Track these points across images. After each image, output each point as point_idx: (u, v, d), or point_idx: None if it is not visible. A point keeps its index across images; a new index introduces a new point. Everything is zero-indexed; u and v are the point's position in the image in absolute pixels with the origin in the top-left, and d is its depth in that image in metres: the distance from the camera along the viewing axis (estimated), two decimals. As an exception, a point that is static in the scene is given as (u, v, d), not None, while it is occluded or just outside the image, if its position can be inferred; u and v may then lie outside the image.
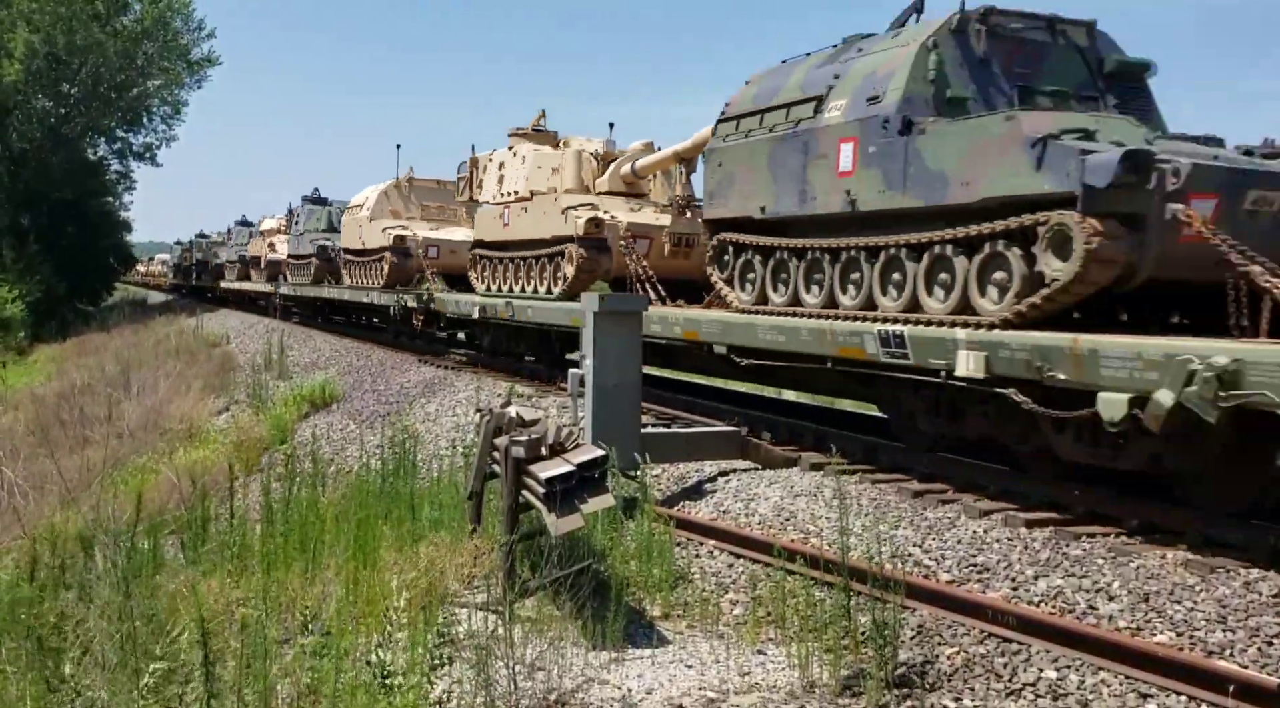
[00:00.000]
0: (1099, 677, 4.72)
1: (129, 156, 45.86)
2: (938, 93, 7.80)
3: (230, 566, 6.65)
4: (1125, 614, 5.19)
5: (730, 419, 10.02)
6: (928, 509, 7.02)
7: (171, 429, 15.70)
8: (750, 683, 5.10)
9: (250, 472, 12.15)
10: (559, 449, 6.06)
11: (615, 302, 8.68)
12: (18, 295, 35.54)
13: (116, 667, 4.61)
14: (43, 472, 12.40)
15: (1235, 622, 4.95)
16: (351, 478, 9.21)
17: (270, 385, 17.87)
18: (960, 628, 5.37)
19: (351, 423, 14.11)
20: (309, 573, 6.40)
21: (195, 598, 5.48)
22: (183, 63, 43.16)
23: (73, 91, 41.02)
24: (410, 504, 7.46)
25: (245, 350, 24.18)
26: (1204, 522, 6.19)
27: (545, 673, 5.00)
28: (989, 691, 4.87)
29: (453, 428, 11.69)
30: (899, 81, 7.86)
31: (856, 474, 7.92)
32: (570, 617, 5.65)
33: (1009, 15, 8.18)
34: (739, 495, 7.96)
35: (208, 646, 4.25)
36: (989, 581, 5.84)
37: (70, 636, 5.05)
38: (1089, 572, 5.66)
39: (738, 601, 6.31)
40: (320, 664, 4.59)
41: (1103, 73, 8.33)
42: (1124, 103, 8.28)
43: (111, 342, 28.41)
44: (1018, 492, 7.23)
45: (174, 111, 44.53)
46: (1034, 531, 6.40)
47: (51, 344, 33.15)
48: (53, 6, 37.33)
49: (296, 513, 7.28)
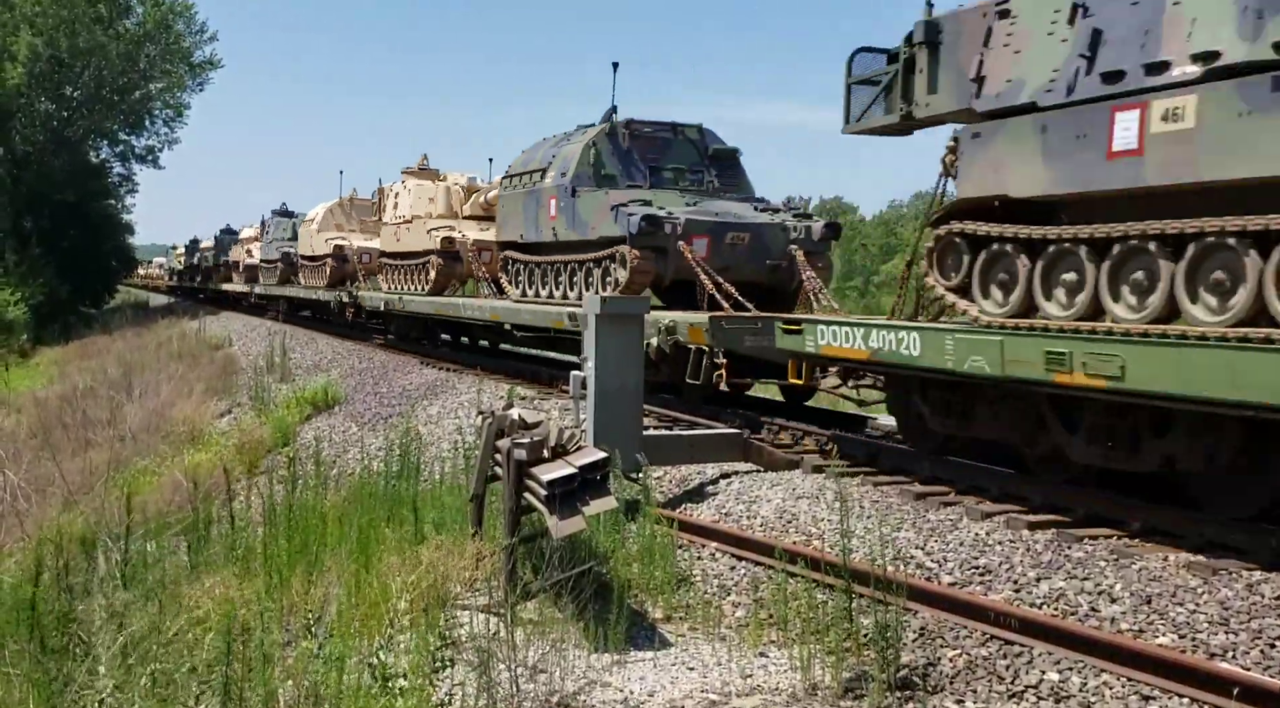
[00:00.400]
0: (1101, 679, 4.72)
1: (131, 159, 46.04)
2: (595, 172, 13.01)
3: (233, 568, 6.65)
4: (1128, 617, 5.19)
5: (732, 421, 10.03)
6: (930, 511, 7.02)
7: (174, 432, 15.72)
8: (752, 685, 5.10)
9: (253, 474, 12.17)
10: (561, 451, 6.07)
11: (616, 305, 8.69)
12: (20, 298, 35.60)
13: (120, 670, 4.61)
14: (45, 475, 12.42)
15: (1238, 624, 4.95)
16: (354, 480, 9.22)
17: (272, 388, 17.89)
18: (962, 630, 5.36)
19: (353, 425, 14.11)
20: (311, 576, 6.41)
21: (215, 600, 5.49)
22: (185, 65, 43.26)
23: (75, 94, 41.13)
24: (412, 507, 7.47)
25: (247, 353, 24.21)
26: (1206, 524, 6.20)
27: (547, 675, 5.00)
28: (991, 693, 4.86)
29: (454, 430, 11.69)
30: (572, 164, 13.18)
31: (858, 476, 7.93)
32: (572, 619, 5.66)
33: (643, 123, 13.52)
34: (741, 498, 7.96)
35: (230, 651, 4.25)
36: (991, 583, 5.84)
37: (74, 637, 5.05)
38: (1091, 574, 5.66)
39: (740, 603, 6.31)
40: (322, 667, 4.59)
41: (708, 156, 13.54)
42: (723, 175, 13.48)
43: (114, 344, 28.46)
44: (1020, 494, 7.23)
45: (176, 114, 44.70)
46: (1036, 533, 6.40)
47: (54, 347, 33.19)
48: (55, 9, 37.45)
49: (299, 516, 7.29)
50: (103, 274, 50.08)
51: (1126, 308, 6.27)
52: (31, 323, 36.07)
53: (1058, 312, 6.70)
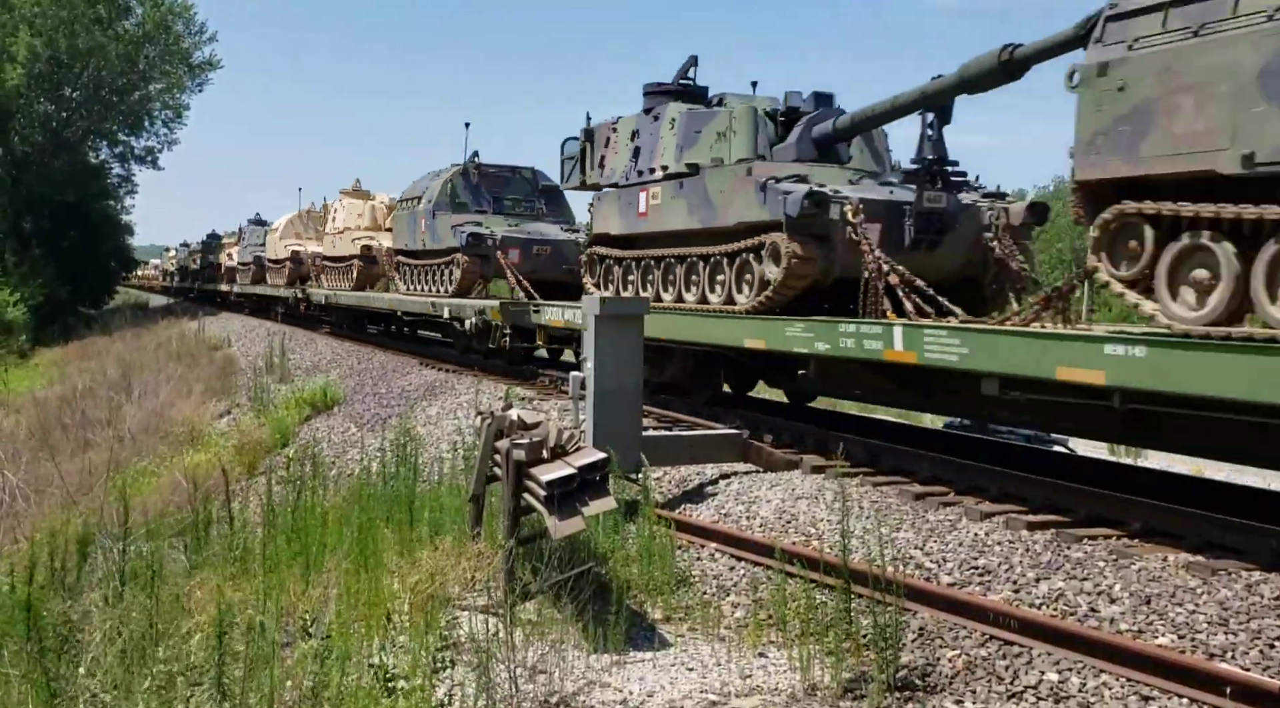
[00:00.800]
0: (1100, 679, 4.72)
1: (130, 160, 46.00)
2: (452, 200, 17.73)
3: (232, 569, 6.64)
4: (1127, 617, 5.19)
5: (731, 422, 10.03)
6: (929, 512, 7.02)
7: (173, 433, 15.72)
8: (752, 686, 5.10)
9: (252, 475, 12.16)
10: (560, 452, 6.06)
11: (616, 305, 8.69)
12: (19, 299, 35.56)
13: (119, 669, 4.61)
14: (44, 475, 12.41)
15: (1237, 624, 4.95)
16: (353, 481, 9.21)
17: (272, 389, 17.89)
18: (962, 631, 5.36)
19: (353, 426, 14.11)
20: (310, 576, 6.40)
21: (214, 600, 5.48)
22: (184, 66, 43.24)
23: (74, 95, 41.12)
24: (411, 508, 7.46)
25: (247, 354, 24.21)
26: (1206, 525, 6.20)
27: (547, 676, 5.00)
28: (991, 693, 4.86)
29: (454, 431, 11.69)
30: (434, 193, 17.95)
31: (857, 477, 7.93)
32: (571, 620, 5.65)
33: (490, 165, 18.23)
34: (740, 498, 7.96)
35: (224, 649, 4.24)
36: (990, 583, 5.84)
37: (72, 639, 5.04)
38: (1090, 574, 5.66)
39: (739, 603, 6.31)
40: (323, 668, 4.58)
41: (539, 190, 18.25)
42: (549, 204, 18.20)
43: (113, 345, 28.45)
44: (1019, 494, 7.23)
45: (175, 115, 44.67)
46: (1035, 533, 6.40)
47: (53, 348, 33.18)
48: (55, 10, 37.43)
49: (298, 516, 7.28)
50: (102, 275, 50.07)
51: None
52: (31, 323, 36.03)
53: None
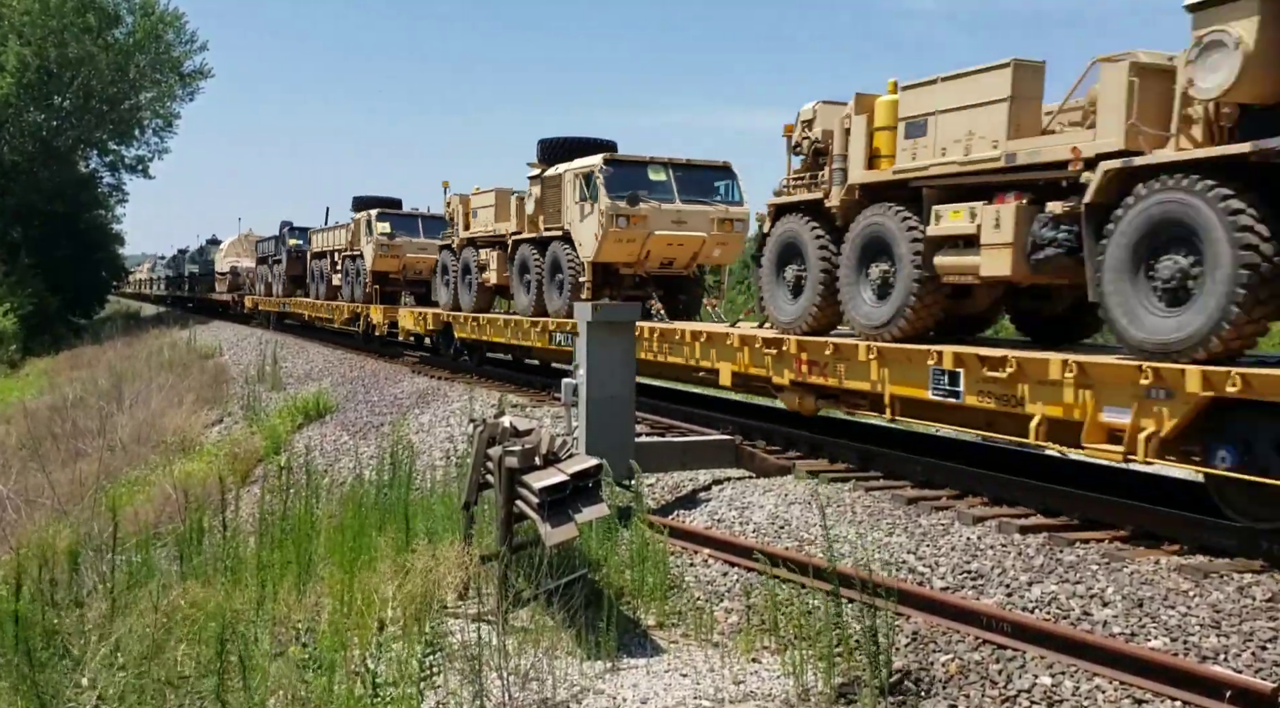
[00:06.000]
0: (1094, 683, 4.72)
1: (121, 169, 45.81)
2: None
3: (224, 579, 6.61)
4: (1119, 620, 5.19)
5: (724, 428, 10.02)
6: (921, 516, 7.02)
7: (165, 442, 15.65)
8: (745, 692, 5.09)
9: (245, 484, 12.11)
10: (553, 459, 6.05)
11: (609, 313, 8.68)
12: (9, 309, 35.43)
13: (108, 679, 4.58)
14: (35, 485, 12.35)
15: (1229, 627, 4.96)
16: (345, 489, 9.19)
17: (264, 397, 17.84)
18: (955, 635, 5.36)
19: (345, 434, 14.07)
20: (303, 585, 6.38)
21: (205, 611, 5.45)
22: (174, 75, 43.12)
23: (64, 104, 40.97)
24: (404, 515, 7.44)
25: (238, 362, 24.15)
26: (1198, 528, 6.21)
27: (539, 683, 4.99)
28: (984, 698, 4.86)
29: (445, 438, 11.67)
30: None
31: (850, 482, 7.92)
32: (564, 627, 5.64)
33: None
34: (733, 504, 7.95)
35: (224, 660, 4.22)
36: (983, 587, 5.84)
37: (61, 649, 5.01)
38: (1083, 578, 5.66)
39: (732, 609, 6.30)
40: (311, 676, 4.56)
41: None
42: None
43: (104, 354, 28.36)
44: (1011, 498, 7.24)
45: (166, 124, 44.51)
46: (1028, 537, 6.40)
47: (44, 357, 33.07)
48: (44, 19, 37.29)
49: (291, 525, 7.25)
50: (93, 284, 49.84)
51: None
52: (21, 333, 35.89)
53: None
